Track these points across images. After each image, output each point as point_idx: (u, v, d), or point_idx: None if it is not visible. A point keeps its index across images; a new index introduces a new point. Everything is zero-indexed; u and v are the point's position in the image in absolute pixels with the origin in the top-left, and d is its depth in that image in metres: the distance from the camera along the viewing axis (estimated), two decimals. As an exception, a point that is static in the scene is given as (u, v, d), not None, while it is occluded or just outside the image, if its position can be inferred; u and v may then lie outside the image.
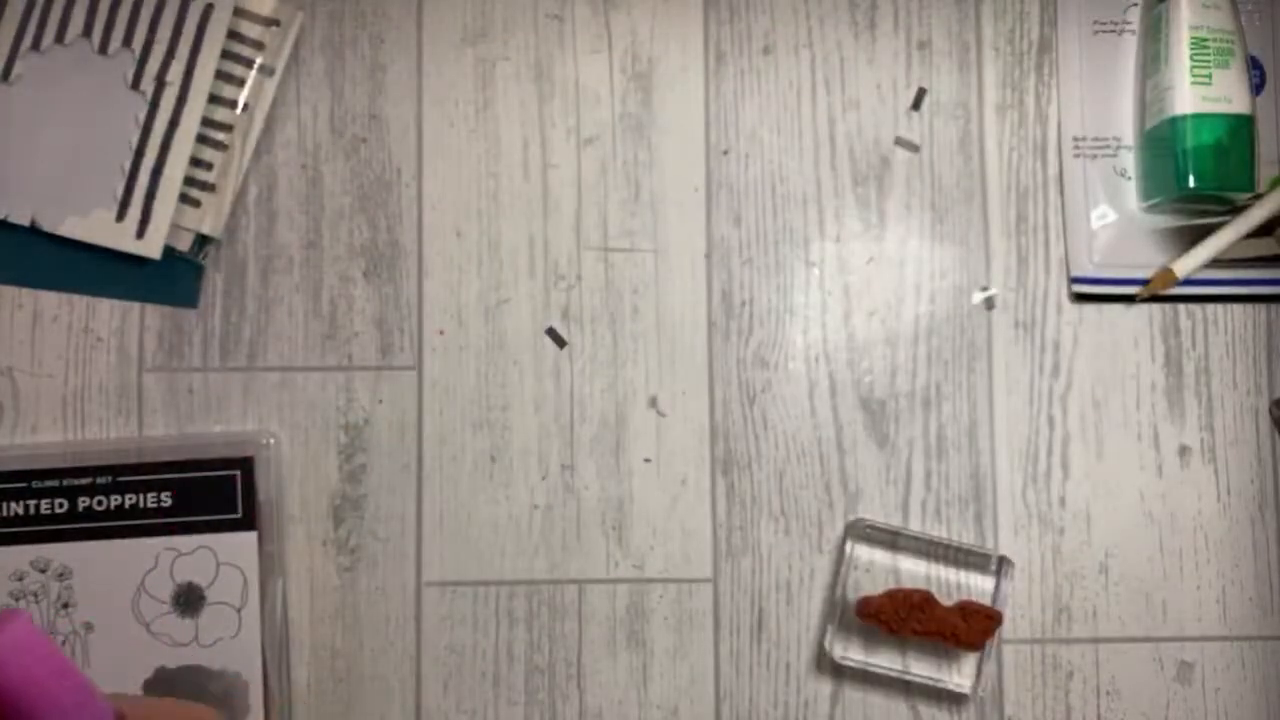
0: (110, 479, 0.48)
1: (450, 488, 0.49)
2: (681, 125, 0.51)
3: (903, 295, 0.50)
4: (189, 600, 0.47)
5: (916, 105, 0.51)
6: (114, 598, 0.47)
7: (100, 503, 0.47)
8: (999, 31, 0.52)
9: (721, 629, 0.49)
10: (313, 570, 0.49)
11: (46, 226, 0.48)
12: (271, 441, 0.49)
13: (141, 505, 0.47)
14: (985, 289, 0.51)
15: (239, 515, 0.48)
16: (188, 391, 0.49)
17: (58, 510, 0.47)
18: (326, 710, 0.48)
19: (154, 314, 0.50)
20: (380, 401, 0.50)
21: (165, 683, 0.47)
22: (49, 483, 0.47)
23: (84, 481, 0.47)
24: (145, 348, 0.50)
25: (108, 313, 0.50)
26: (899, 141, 0.51)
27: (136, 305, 0.50)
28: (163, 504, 0.47)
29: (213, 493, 0.48)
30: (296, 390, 0.50)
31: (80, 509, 0.47)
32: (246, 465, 0.48)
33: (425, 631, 0.49)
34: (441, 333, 0.50)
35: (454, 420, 0.50)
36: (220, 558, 0.48)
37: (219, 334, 0.50)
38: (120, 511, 0.47)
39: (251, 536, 0.48)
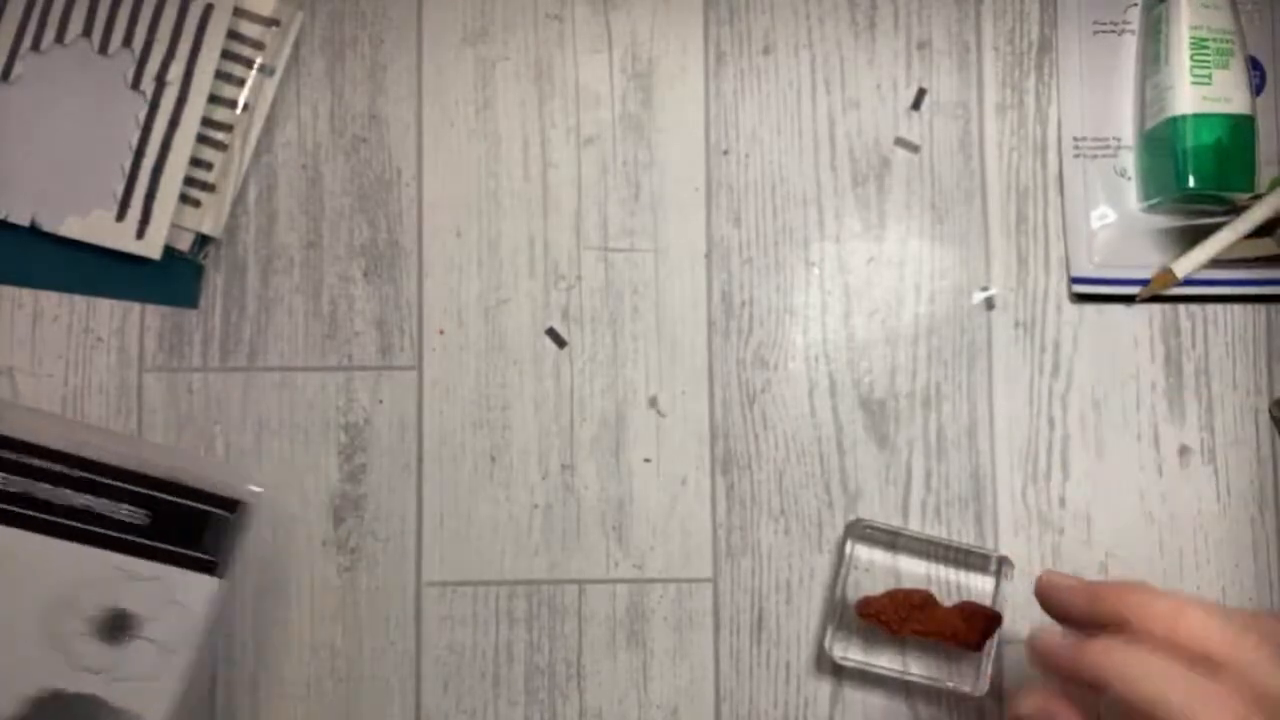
0: (88, 476, 0.44)
1: (450, 488, 0.49)
2: (681, 125, 0.51)
3: (902, 295, 0.50)
4: (115, 628, 0.44)
5: (916, 105, 0.51)
6: (28, 599, 0.43)
7: (65, 497, 0.44)
8: (999, 31, 0.52)
9: (721, 629, 0.49)
10: (312, 570, 0.49)
11: (46, 226, 0.48)
12: (259, 491, 0.46)
13: (111, 516, 0.44)
14: (985, 289, 0.51)
15: (211, 559, 0.45)
16: (187, 391, 0.49)
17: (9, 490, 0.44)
18: (326, 710, 0.49)
19: (154, 314, 0.50)
20: (380, 401, 0.50)
21: (52, 706, 0.43)
22: (27, 458, 0.44)
23: (60, 469, 0.44)
24: (145, 348, 0.50)
25: (108, 313, 0.50)
26: (899, 142, 0.51)
27: (136, 305, 0.50)
28: (134, 521, 0.45)
29: (190, 525, 0.45)
30: (297, 390, 0.50)
31: (39, 497, 0.44)
32: (235, 508, 0.46)
33: (425, 631, 0.49)
34: (441, 333, 0.50)
35: (454, 420, 0.50)
36: (174, 595, 0.44)
37: (219, 334, 0.50)
38: (86, 514, 0.44)
39: (214, 583, 0.45)
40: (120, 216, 0.49)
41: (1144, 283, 0.50)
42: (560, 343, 0.50)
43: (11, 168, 0.49)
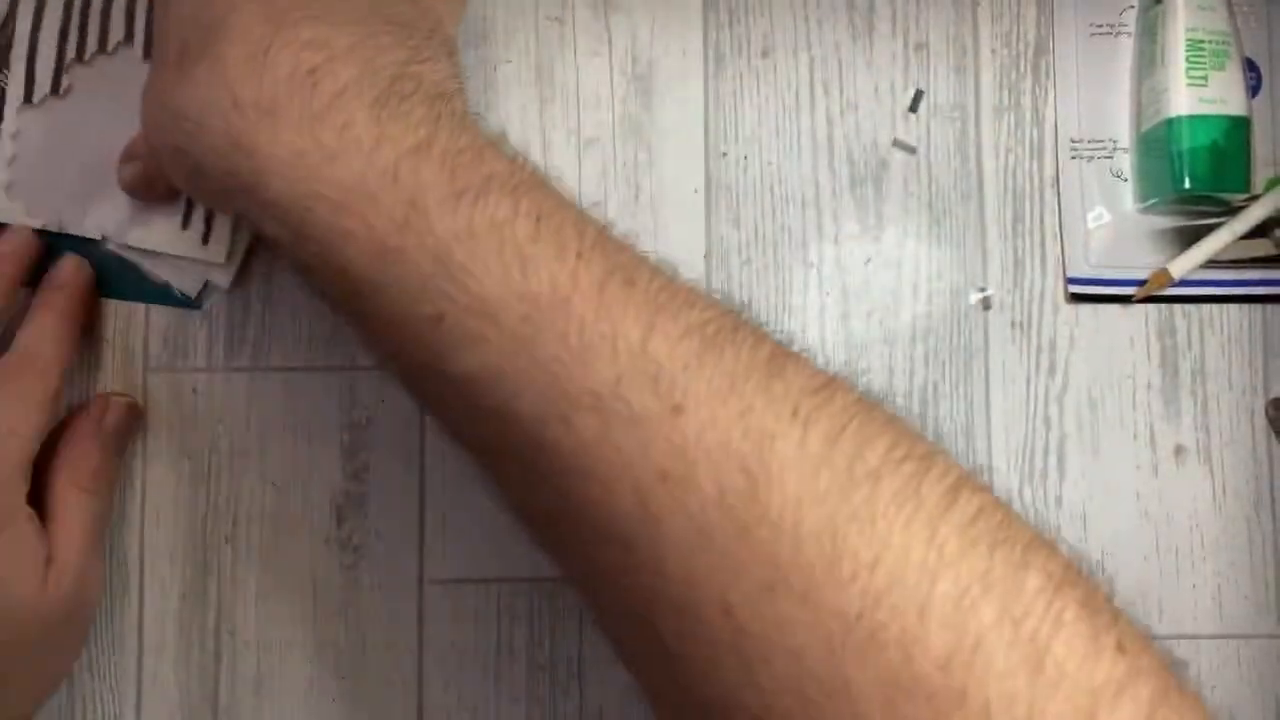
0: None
1: (452, 486, 0.50)
2: (681, 127, 0.51)
3: (900, 296, 0.51)
4: None
5: (914, 107, 0.51)
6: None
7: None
8: (996, 33, 0.52)
9: (721, 627, 0.49)
10: (315, 568, 0.49)
11: (115, 239, 0.48)
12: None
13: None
14: (982, 289, 0.51)
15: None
16: (191, 391, 0.50)
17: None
18: (328, 707, 0.49)
19: (158, 315, 0.50)
20: (383, 401, 0.50)
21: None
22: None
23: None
24: (149, 348, 0.50)
25: (112, 314, 0.50)
26: (896, 143, 0.51)
27: (141, 306, 0.50)
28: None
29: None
30: (300, 390, 0.50)
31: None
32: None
33: (427, 629, 0.49)
34: (443, 333, 0.50)
35: (455, 420, 0.50)
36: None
37: (223, 334, 0.50)
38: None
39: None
40: (185, 224, 0.48)
41: (1140, 283, 0.50)
42: (561, 343, 0.50)
43: (74, 182, 0.48)
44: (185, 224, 0.48)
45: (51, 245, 0.49)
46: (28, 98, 0.48)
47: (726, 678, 0.29)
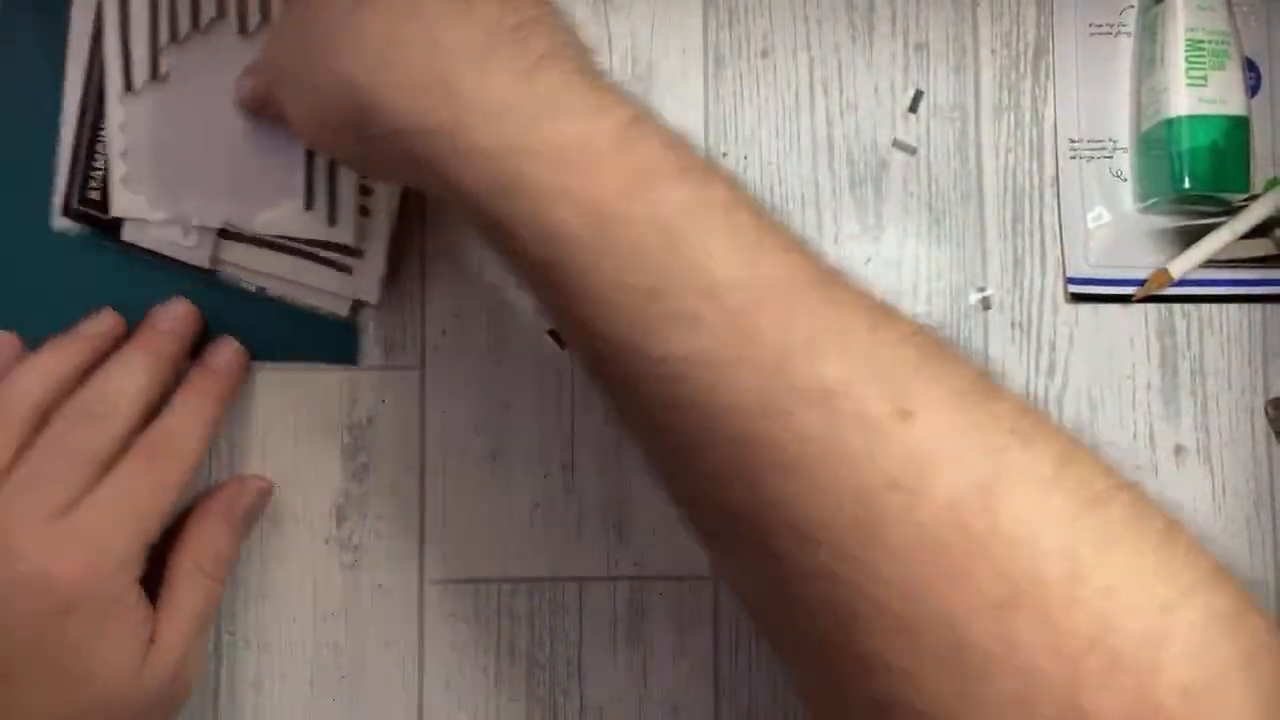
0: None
1: (452, 486, 0.50)
2: (681, 127, 0.51)
3: (900, 296, 0.51)
4: None
5: (914, 107, 0.51)
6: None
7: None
8: (996, 33, 0.52)
9: (721, 626, 0.49)
10: (315, 568, 0.49)
11: (240, 226, 0.47)
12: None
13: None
14: (982, 289, 0.51)
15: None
16: (192, 391, 0.50)
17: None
18: (328, 707, 0.49)
19: (159, 315, 0.50)
20: (383, 401, 0.50)
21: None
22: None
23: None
24: (150, 348, 0.50)
25: (113, 313, 0.50)
26: (896, 144, 0.51)
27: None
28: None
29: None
30: (301, 390, 0.50)
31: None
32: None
33: (428, 629, 0.49)
34: (444, 333, 0.50)
35: (456, 419, 0.50)
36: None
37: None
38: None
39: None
40: (309, 204, 0.47)
41: (1140, 283, 0.50)
42: (561, 343, 0.50)
43: (189, 171, 0.46)
44: (309, 204, 0.47)
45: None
46: (128, 85, 0.46)
47: (937, 690, 0.28)
